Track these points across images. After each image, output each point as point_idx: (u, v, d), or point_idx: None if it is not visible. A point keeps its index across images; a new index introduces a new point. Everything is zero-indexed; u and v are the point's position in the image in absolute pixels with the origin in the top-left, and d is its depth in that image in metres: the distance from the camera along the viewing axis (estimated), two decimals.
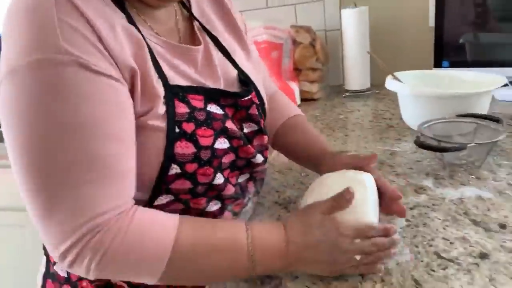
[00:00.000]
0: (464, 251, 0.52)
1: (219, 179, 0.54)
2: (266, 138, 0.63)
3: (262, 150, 0.63)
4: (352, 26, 1.30)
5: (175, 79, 0.51)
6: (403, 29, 1.40)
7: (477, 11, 1.25)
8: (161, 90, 0.49)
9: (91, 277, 0.45)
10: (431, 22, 1.28)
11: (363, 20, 1.30)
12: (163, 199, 0.51)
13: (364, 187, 0.53)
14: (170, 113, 0.48)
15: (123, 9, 0.49)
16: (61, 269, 0.60)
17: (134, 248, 0.44)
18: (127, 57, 0.46)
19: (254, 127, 0.61)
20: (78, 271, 0.45)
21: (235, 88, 0.60)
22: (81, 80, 0.41)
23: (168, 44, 0.54)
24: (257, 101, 0.61)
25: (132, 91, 0.47)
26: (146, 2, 0.53)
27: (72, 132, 0.41)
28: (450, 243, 0.54)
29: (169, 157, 0.48)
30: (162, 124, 0.48)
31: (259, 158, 0.61)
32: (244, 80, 0.62)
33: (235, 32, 0.68)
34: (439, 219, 0.60)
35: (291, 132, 0.75)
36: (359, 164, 0.59)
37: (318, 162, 0.68)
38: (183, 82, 0.53)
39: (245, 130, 0.60)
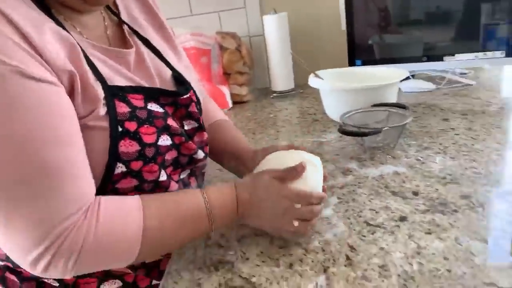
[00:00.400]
0: (387, 217, 0.60)
1: (163, 176, 0.56)
2: (205, 134, 0.66)
3: (203, 146, 0.66)
4: (274, 31, 1.39)
5: (114, 80, 0.52)
6: (320, 32, 1.52)
7: (380, 16, 1.41)
8: (100, 91, 0.49)
9: (68, 277, 0.46)
10: (343, 26, 1.42)
11: (283, 25, 1.39)
12: None
13: (314, 166, 0.60)
14: (112, 113, 0.49)
15: (50, 15, 0.49)
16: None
17: (107, 242, 0.46)
18: (62, 61, 0.46)
19: (194, 124, 0.63)
20: (54, 274, 0.45)
21: (171, 87, 0.63)
22: (22, 90, 0.41)
23: (100, 47, 0.55)
24: (195, 99, 0.64)
25: (72, 94, 0.47)
26: (72, 7, 0.53)
27: (20, 143, 0.41)
28: (376, 212, 0.62)
29: (114, 156, 0.49)
30: (104, 124, 0.49)
31: (200, 154, 0.63)
32: (180, 79, 0.64)
33: (163, 33, 0.70)
34: (365, 194, 0.68)
35: (217, 134, 0.77)
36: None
37: (242, 162, 0.71)
38: (121, 82, 0.54)
39: (186, 128, 0.62)
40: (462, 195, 0.63)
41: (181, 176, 0.64)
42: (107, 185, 0.50)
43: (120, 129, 0.50)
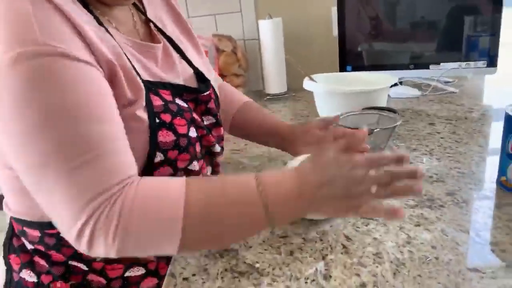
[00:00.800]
0: None
1: (195, 166, 0.60)
2: (222, 129, 0.70)
3: (219, 140, 0.70)
4: (269, 35, 1.44)
5: (145, 75, 0.56)
6: (313, 38, 1.58)
7: (370, 24, 1.47)
8: (141, 83, 0.52)
9: (113, 254, 0.45)
10: (335, 32, 1.48)
11: (278, 30, 1.44)
12: None
13: None
14: (149, 106, 0.53)
15: (88, 10, 0.52)
16: (29, 275, 0.59)
17: (145, 213, 0.44)
18: (104, 50, 0.48)
19: (212, 119, 0.67)
20: (99, 250, 0.44)
21: (193, 84, 0.66)
22: (62, 67, 0.43)
23: (133, 42, 0.58)
24: (213, 96, 0.68)
25: (113, 82, 0.49)
26: (104, 2, 0.56)
27: (61, 118, 0.43)
28: None
29: (154, 145, 0.52)
30: (144, 115, 0.52)
31: (217, 147, 0.67)
32: (201, 77, 0.68)
33: (186, 31, 0.73)
34: None
35: (248, 115, 0.82)
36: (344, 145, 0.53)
37: (283, 137, 0.76)
38: (150, 78, 0.57)
39: (205, 123, 0.66)
40: (447, 192, 0.69)
41: (207, 172, 0.67)
42: (145, 174, 0.53)
43: (157, 120, 0.53)
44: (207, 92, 0.66)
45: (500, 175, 0.68)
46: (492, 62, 1.30)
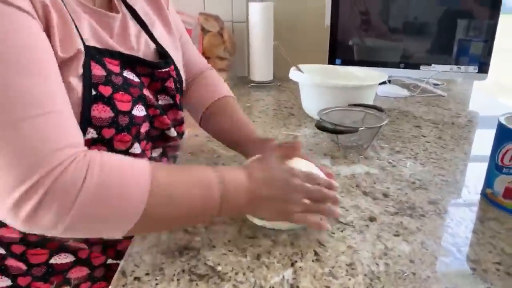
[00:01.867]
0: (357, 216, 0.61)
1: (136, 149, 0.54)
2: (181, 113, 0.64)
3: (176, 124, 0.64)
4: (258, 19, 1.37)
5: (91, 41, 0.49)
6: (304, 26, 1.52)
7: (363, 19, 1.42)
8: (80, 43, 0.46)
9: (59, 231, 0.38)
10: (327, 22, 1.42)
11: (268, 15, 1.37)
12: None
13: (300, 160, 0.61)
14: (87, 74, 0.47)
15: None
16: None
17: (113, 183, 0.40)
18: None
19: (169, 100, 0.61)
20: (41, 224, 0.37)
21: (152, 59, 0.60)
22: None
23: (84, 5, 0.51)
24: (174, 75, 0.62)
25: (48, 29, 0.43)
26: None
27: None
28: (346, 210, 0.62)
29: (86, 120, 0.46)
30: (78, 84, 0.46)
31: (173, 132, 0.61)
32: (163, 54, 0.62)
33: (156, 4, 0.67)
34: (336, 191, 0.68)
35: (219, 114, 0.75)
36: (286, 153, 0.60)
37: (244, 148, 0.69)
38: (99, 45, 0.51)
39: (160, 102, 0.60)
40: (429, 201, 0.65)
41: (153, 154, 0.61)
42: None
43: (94, 92, 0.47)
44: (166, 69, 0.60)
45: (485, 187, 0.65)
46: (483, 68, 1.27)
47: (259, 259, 0.51)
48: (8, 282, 0.55)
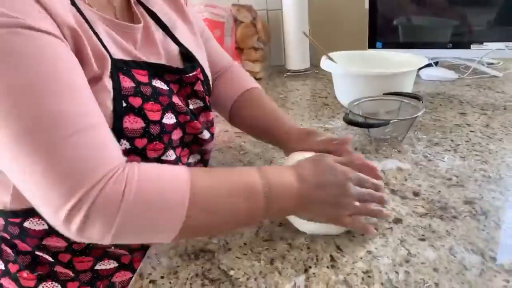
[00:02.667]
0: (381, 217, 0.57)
1: (171, 156, 0.54)
2: (211, 114, 0.64)
3: (208, 126, 0.64)
4: (292, 6, 1.32)
5: (117, 53, 0.50)
6: (341, 10, 1.44)
7: None
8: (108, 59, 0.47)
9: (107, 240, 0.40)
10: (366, 4, 1.34)
11: (302, 1, 1.32)
12: None
13: None
14: (116, 87, 0.48)
15: None
16: None
17: (152, 193, 0.41)
18: (67, 15, 0.43)
19: (200, 103, 0.61)
20: (92, 235, 0.40)
21: (178, 64, 0.60)
22: (24, 40, 0.38)
23: (107, 19, 0.52)
24: (201, 78, 0.61)
25: (78, 51, 0.44)
26: None
27: (24, 94, 0.38)
28: None
29: (118, 132, 0.48)
30: (108, 98, 0.47)
31: (206, 134, 0.62)
32: (188, 55, 0.61)
33: (175, 3, 0.66)
34: None
35: (249, 105, 0.73)
36: (332, 149, 0.59)
37: (283, 140, 0.66)
38: (125, 58, 0.51)
39: (191, 107, 0.60)
40: (465, 200, 0.59)
41: (190, 160, 0.62)
42: None
43: (124, 104, 0.48)
44: (193, 73, 0.59)
45: None
46: None
47: (272, 263, 0.50)
48: (58, 287, 0.58)
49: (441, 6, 1.28)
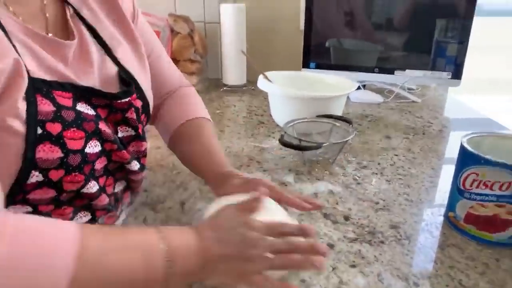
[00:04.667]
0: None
1: (93, 187, 0.49)
2: (144, 144, 0.58)
3: (139, 157, 0.58)
4: (230, 21, 1.32)
5: (37, 72, 0.44)
6: (278, 29, 1.48)
7: (339, 20, 1.39)
8: (25, 81, 0.41)
9: None
10: (302, 25, 1.38)
11: (240, 17, 1.33)
12: (17, 211, 0.43)
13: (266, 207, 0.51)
14: (31, 112, 0.41)
15: None
16: None
17: (30, 253, 0.33)
18: None
19: (131, 132, 0.56)
20: None
21: (114, 87, 0.54)
22: None
23: (32, 32, 0.46)
24: (137, 104, 0.56)
25: None
26: None
27: None
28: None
29: (29, 162, 0.41)
30: (20, 124, 0.40)
31: (134, 165, 0.56)
32: (126, 79, 0.56)
33: (119, 19, 0.60)
34: (296, 212, 0.65)
35: (188, 138, 0.67)
36: (250, 190, 0.53)
37: (209, 183, 0.63)
38: (48, 77, 0.45)
39: (120, 134, 0.54)
40: (391, 224, 0.62)
41: (115, 190, 0.56)
42: (16, 195, 0.42)
43: (40, 131, 0.42)
44: (126, 99, 0.54)
45: (448, 210, 0.63)
46: (457, 73, 1.25)
47: None
48: None
49: (368, 30, 1.37)
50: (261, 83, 0.99)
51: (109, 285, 0.38)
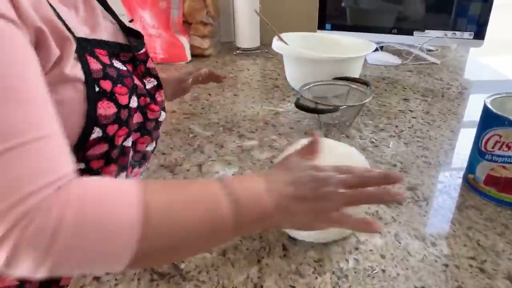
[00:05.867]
0: None
1: (128, 142, 0.50)
2: (162, 92, 0.60)
3: (164, 106, 0.60)
4: None
5: (78, 31, 0.44)
6: None
7: None
8: (72, 38, 0.41)
9: (43, 273, 0.33)
10: None
11: None
12: None
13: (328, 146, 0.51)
14: (86, 70, 0.42)
15: None
16: None
17: (97, 218, 0.33)
18: (30, 7, 0.36)
19: (154, 82, 0.57)
20: (21, 268, 0.32)
21: (122, 41, 0.54)
22: None
23: None
24: (150, 54, 0.58)
25: (39, 45, 0.38)
26: None
27: None
28: None
29: (91, 119, 0.43)
30: (79, 84, 0.41)
31: (163, 115, 0.58)
32: (132, 31, 0.56)
33: None
34: None
35: None
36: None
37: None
38: (83, 35, 0.45)
39: (147, 86, 0.56)
40: (409, 186, 0.62)
41: (148, 148, 0.57)
42: (77, 153, 0.44)
43: (97, 88, 0.43)
44: (143, 50, 0.55)
45: (467, 172, 0.62)
46: (479, 33, 1.20)
47: (225, 255, 0.49)
48: None
49: None
50: (276, 45, 0.96)
51: (179, 240, 0.38)
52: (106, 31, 0.52)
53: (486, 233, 0.52)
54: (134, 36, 0.56)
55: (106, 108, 0.44)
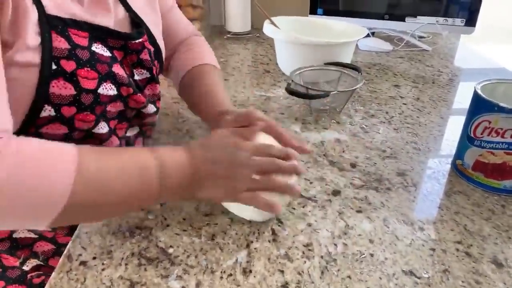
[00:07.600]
0: (321, 189, 0.58)
1: (103, 128, 0.50)
2: (158, 87, 0.59)
3: (155, 100, 0.59)
4: None
5: (52, 10, 0.44)
6: None
7: None
8: (34, 15, 0.41)
9: None
10: None
11: None
12: None
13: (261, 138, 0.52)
14: (46, 47, 0.42)
15: None
16: None
17: (31, 172, 0.35)
18: None
19: (146, 74, 0.56)
20: None
21: (125, 29, 0.54)
22: None
23: None
24: (150, 47, 0.56)
25: None
26: None
27: None
28: (310, 182, 0.60)
29: (42, 96, 0.42)
30: (34, 57, 0.41)
31: (150, 108, 0.57)
32: (136, 21, 0.55)
33: None
34: (303, 161, 0.65)
35: (193, 83, 0.67)
36: (243, 124, 0.53)
37: (208, 123, 0.63)
38: (61, 14, 0.45)
39: (136, 77, 0.55)
40: (398, 172, 0.62)
41: (127, 133, 0.57)
42: (29, 128, 0.44)
43: (54, 66, 0.43)
44: (139, 40, 0.54)
45: (456, 158, 0.63)
46: (470, 20, 1.20)
47: (213, 239, 0.49)
48: None
49: None
50: (267, 29, 0.95)
51: (106, 200, 0.41)
52: (110, 16, 0.51)
53: (473, 218, 0.53)
54: (137, 25, 0.56)
55: (61, 88, 0.44)
